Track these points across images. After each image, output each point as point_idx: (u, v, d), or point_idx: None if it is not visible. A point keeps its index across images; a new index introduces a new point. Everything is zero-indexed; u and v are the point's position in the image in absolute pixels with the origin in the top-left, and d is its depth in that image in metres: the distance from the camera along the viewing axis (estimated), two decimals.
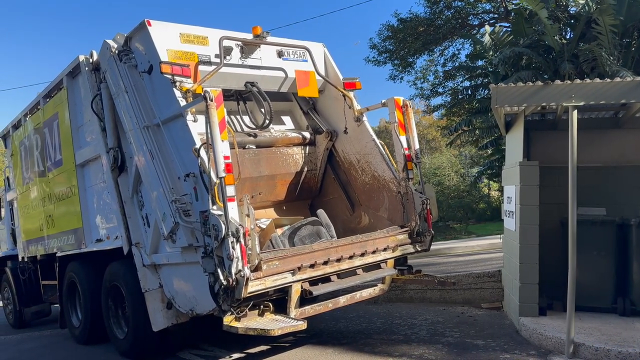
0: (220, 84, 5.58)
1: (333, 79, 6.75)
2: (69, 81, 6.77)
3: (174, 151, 5.10)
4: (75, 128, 6.78)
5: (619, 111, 6.57)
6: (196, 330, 6.86)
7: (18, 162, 8.89)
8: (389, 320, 7.09)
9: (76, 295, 7.49)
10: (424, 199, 6.02)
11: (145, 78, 5.52)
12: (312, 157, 6.99)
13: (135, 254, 5.76)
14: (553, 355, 5.11)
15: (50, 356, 7.05)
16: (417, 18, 19.83)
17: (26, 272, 9.56)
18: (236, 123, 6.48)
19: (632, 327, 5.48)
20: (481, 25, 19.70)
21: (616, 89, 5.19)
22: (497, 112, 6.30)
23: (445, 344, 5.78)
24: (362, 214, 6.80)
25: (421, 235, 6.07)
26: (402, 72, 21.93)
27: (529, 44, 13.50)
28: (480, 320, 6.70)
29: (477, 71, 17.89)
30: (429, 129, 38.42)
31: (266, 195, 6.72)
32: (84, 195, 6.82)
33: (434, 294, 8.02)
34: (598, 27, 11.62)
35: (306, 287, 5.11)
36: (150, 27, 5.43)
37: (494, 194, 28.58)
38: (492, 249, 12.11)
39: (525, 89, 5.44)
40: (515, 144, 6.70)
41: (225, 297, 4.46)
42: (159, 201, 5.15)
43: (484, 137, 18.01)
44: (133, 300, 5.94)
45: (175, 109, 5.08)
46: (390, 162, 6.43)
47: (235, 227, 4.37)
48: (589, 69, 12.00)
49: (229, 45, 5.86)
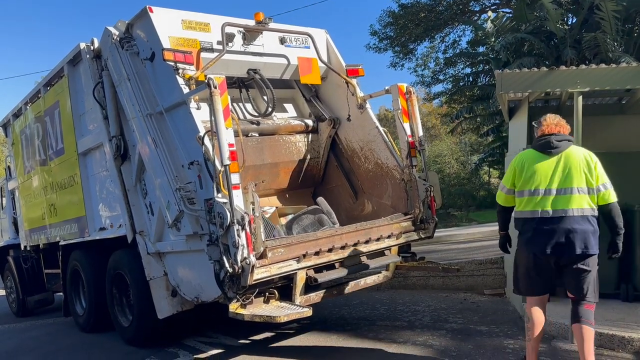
0: (223, 71, 5.53)
1: (336, 66, 6.71)
2: (70, 69, 6.72)
3: (177, 139, 5.08)
4: (76, 116, 6.75)
5: (623, 97, 6.55)
6: (201, 317, 6.90)
7: (19, 151, 8.86)
8: (392, 307, 7.12)
9: (80, 284, 7.51)
10: (428, 186, 6.01)
11: (147, 65, 5.48)
12: (314, 145, 6.97)
13: (140, 242, 5.76)
14: (556, 341, 5.14)
15: (55, 344, 7.08)
16: (419, 4, 19.71)
17: (29, 261, 9.59)
18: (239, 111, 6.45)
19: (635, 312, 5.50)
20: (483, 12, 19.58)
21: (621, 74, 5.16)
22: (501, 99, 6.28)
23: (448, 330, 5.82)
24: (366, 202, 6.79)
25: (425, 223, 6.06)
26: (402, 59, 21.83)
27: (531, 30, 13.44)
28: (483, 307, 6.73)
29: (478, 58, 17.81)
30: (428, 116, 38.34)
31: (269, 183, 6.71)
32: (87, 183, 6.81)
33: (436, 281, 8.05)
34: (601, 12, 11.56)
35: (311, 274, 5.12)
36: (152, 14, 5.38)
37: (494, 182, 28.61)
38: (493, 236, 12.06)
39: (530, 75, 5.41)
40: (518, 131, 6.68)
41: (230, 285, 4.46)
42: (163, 189, 5.13)
43: (485, 125, 17.99)
44: (137, 288, 5.95)
45: (178, 96, 5.05)
46: (394, 150, 6.41)
47: (240, 215, 4.36)
48: (592, 55, 11.95)
49: (231, 31, 5.80)
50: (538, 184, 4.00)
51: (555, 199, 3.95)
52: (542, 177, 3.99)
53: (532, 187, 4.03)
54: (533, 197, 4.02)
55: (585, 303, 4.00)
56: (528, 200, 4.06)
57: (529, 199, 4.05)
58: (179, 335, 6.39)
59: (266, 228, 5.47)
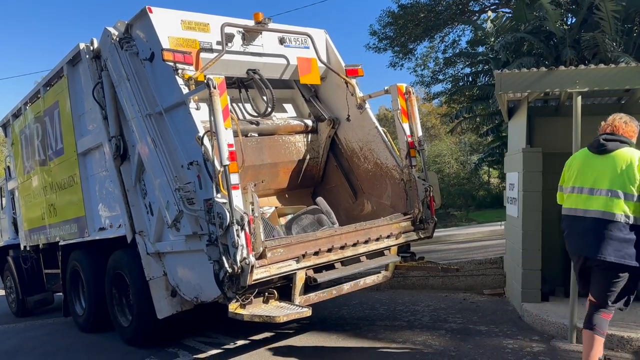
0: (222, 71, 5.54)
1: (335, 66, 6.71)
2: (69, 69, 6.72)
3: (176, 139, 5.08)
4: (76, 116, 6.75)
5: (622, 97, 6.55)
6: (201, 317, 6.90)
7: (19, 151, 8.86)
8: (391, 307, 7.13)
9: (79, 284, 7.51)
10: (427, 186, 6.02)
11: (146, 66, 5.48)
12: (314, 145, 6.97)
13: (139, 242, 5.76)
14: (556, 341, 5.15)
15: (54, 344, 7.08)
16: (418, 4, 19.70)
17: (28, 261, 9.59)
18: (238, 111, 6.45)
19: (634, 312, 5.49)
20: (482, 11, 19.59)
21: (620, 74, 5.15)
22: (501, 99, 6.28)
23: (448, 329, 5.82)
24: (365, 202, 6.79)
25: (424, 223, 6.07)
26: (402, 59, 21.83)
27: (530, 30, 13.42)
28: (482, 307, 6.74)
29: (477, 58, 17.81)
30: (428, 116, 38.36)
31: (269, 183, 6.71)
32: (86, 183, 6.81)
33: (436, 281, 8.06)
34: (600, 12, 11.54)
35: (310, 274, 5.13)
36: (152, 14, 5.38)
37: (494, 181, 28.64)
38: (493, 235, 12.15)
39: (530, 75, 5.40)
40: (518, 131, 6.68)
41: (230, 285, 4.47)
42: (163, 189, 5.14)
43: (484, 124, 17.98)
44: (137, 289, 5.96)
45: (177, 96, 5.05)
46: (393, 150, 6.41)
47: (239, 215, 4.36)
48: (591, 55, 11.94)
49: (231, 32, 5.81)
50: (577, 182, 4.04)
51: (587, 198, 3.95)
52: (582, 175, 4.01)
53: (572, 185, 4.07)
54: (571, 195, 4.07)
55: (603, 312, 3.96)
56: (567, 197, 4.12)
57: (568, 196, 4.11)
58: (178, 335, 6.39)
59: (265, 228, 5.48)
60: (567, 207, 4.11)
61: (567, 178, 4.16)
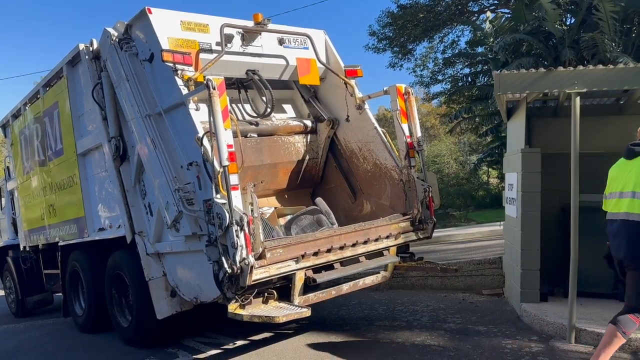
0: (222, 72, 5.55)
1: (334, 67, 6.72)
2: (69, 70, 6.72)
3: (176, 140, 5.09)
4: (75, 117, 6.76)
5: (620, 97, 6.56)
6: (200, 318, 6.91)
7: (18, 151, 8.86)
8: (390, 307, 7.14)
9: (79, 284, 7.52)
10: (426, 187, 6.03)
11: (146, 66, 5.49)
12: (313, 146, 6.98)
13: (139, 243, 5.77)
14: (555, 341, 5.16)
15: (54, 344, 7.09)
16: (417, 4, 19.73)
17: (28, 262, 9.58)
18: (237, 111, 6.46)
19: None
20: (481, 12, 19.61)
21: (619, 75, 5.16)
22: (500, 99, 6.29)
23: (447, 330, 5.83)
24: (364, 202, 6.81)
25: (423, 223, 6.08)
26: (401, 60, 21.85)
27: (529, 31, 13.44)
28: (481, 307, 6.75)
29: (477, 58, 17.83)
30: (427, 116, 38.36)
31: (268, 184, 6.72)
32: (86, 184, 6.82)
33: (435, 281, 8.06)
34: (599, 13, 11.56)
35: (310, 274, 5.14)
36: (151, 15, 5.39)
37: (493, 182, 28.65)
38: (492, 236, 12.16)
39: (528, 76, 5.41)
40: (517, 131, 6.70)
41: (229, 285, 4.48)
42: (162, 190, 5.14)
43: (483, 125, 17.98)
44: (137, 289, 5.96)
45: (177, 97, 5.06)
46: (392, 150, 6.42)
47: (239, 216, 4.37)
48: (590, 55, 11.96)
49: (230, 32, 5.82)
50: (611, 188, 4.23)
51: (617, 202, 4.13)
52: (614, 181, 4.21)
53: (609, 191, 4.26)
54: (608, 200, 4.24)
55: (632, 315, 4.03)
56: (605, 202, 4.29)
57: (605, 201, 4.29)
58: (178, 336, 6.40)
59: (265, 229, 5.49)
60: (607, 212, 4.28)
61: (607, 186, 4.34)
